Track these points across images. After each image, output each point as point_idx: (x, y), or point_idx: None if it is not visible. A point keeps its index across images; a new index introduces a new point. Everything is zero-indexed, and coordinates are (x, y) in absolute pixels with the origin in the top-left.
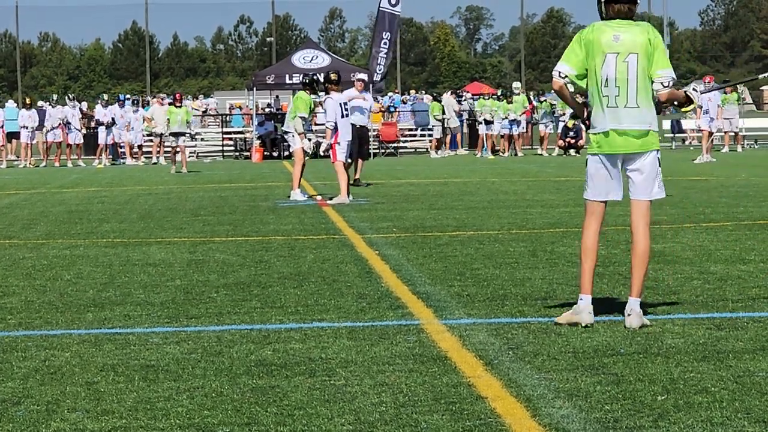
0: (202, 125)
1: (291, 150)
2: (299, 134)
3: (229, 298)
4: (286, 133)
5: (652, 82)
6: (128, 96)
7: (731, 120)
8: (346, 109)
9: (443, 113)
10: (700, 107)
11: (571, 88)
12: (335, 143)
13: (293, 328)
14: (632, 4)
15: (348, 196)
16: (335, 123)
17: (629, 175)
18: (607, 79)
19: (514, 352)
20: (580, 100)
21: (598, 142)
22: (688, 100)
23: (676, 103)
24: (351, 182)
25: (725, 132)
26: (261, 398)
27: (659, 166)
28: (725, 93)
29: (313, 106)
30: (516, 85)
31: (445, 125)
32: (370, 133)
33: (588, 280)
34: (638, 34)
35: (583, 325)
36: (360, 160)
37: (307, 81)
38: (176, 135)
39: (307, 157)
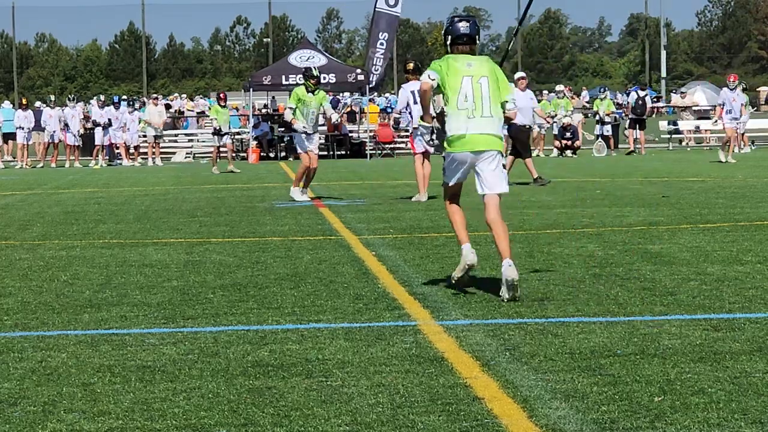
0: (198, 126)
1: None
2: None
3: (226, 299)
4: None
5: (506, 102)
6: (124, 97)
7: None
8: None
9: None
10: (721, 105)
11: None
12: (412, 135)
13: (290, 329)
14: (473, 44)
15: (423, 195)
16: (409, 113)
17: (479, 170)
18: (465, 95)
19: (511, 353)
20: (438, 109)
21: (456, 142)
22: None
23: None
24: (533, 181)
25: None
26: (258, 399)
27: (503, 165)
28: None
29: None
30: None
31: None
32: (368, 134)
33: (462, 231)
34: (484, 62)
35: (468, 263)
36: (528, 160)
37: (411, 67)
38: (222, 135)
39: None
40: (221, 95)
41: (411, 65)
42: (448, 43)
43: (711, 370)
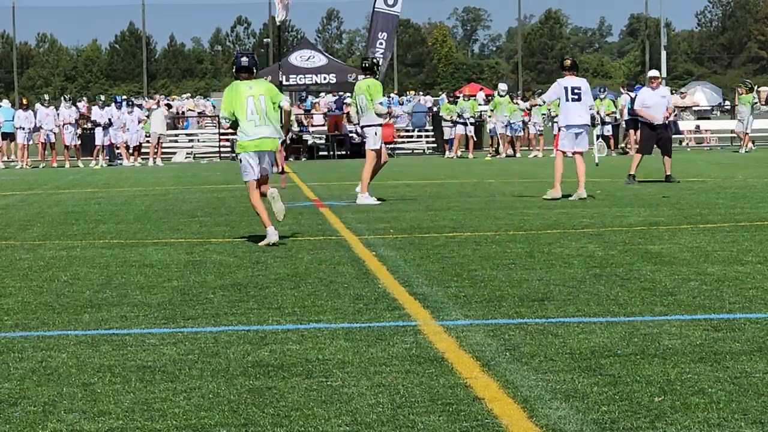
0: (198, 126)
1: (368, 147)
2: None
3: (226, 299)
4: (363, 127)
5: (281, 107)
6: (124, 97)
7: (744, 121)
8: (576, 94)
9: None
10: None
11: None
12: (558, 132)
13: (290, 329)
14: (250, 73)
15: (558, 192)
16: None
17: (265, 165)
18: (251, 110)
19: (511, 353)
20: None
21: (248, 145)
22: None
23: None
24: (664, 178)
25: (737, 132)
26: (258, 399)
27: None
28: (740, 94)
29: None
30: (502, 87)
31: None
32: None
33: (266, 216)
34: (261, 84)
35: (272, 242)
36: (666, 157)
37: (367, 65)
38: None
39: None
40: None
41: (568, 62)
42: (234, 71)
43: (711, 370)
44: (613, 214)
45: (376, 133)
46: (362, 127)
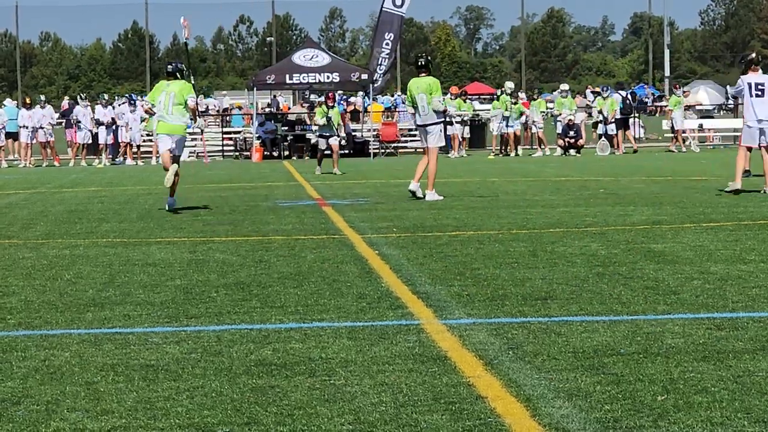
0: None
1: (433, 145)
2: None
3: (229, 298)
4: (424, 126)
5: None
6: (126, 95)
7: None
8: (760, 90)
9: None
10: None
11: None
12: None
13: (293, 328)
14: (173, 76)
15: (738, 183)
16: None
17: (174, 143)
18: (161, 102)
19: (514, 352)
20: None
21: (158, 128)
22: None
23: None
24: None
25: None
26: (261, 398)
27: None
28: None
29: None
30: (509, 85)
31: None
32: (370, 133)
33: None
34: (177, 84)
35: (166, 185)
36: None
37: (423, 63)
38: (323, 136)
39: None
40: (329, 95)
41: (757, 56)
42: (165, 74)
43: (714, 369)
44: (616, 213)
45: (441, 131)
46: (424, 126)
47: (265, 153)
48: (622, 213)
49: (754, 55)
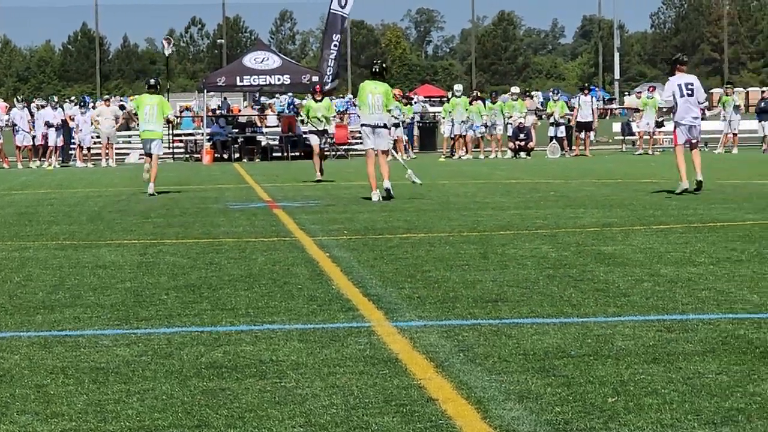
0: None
1: (382, 147)
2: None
3: (180, 300)
4: (376, 126)
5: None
6: (72, 98)
7: (731, 122)
8: (689, 90)
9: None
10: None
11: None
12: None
13: (244, 330)
14: (154, 89)
15: (685, 183)
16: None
17: (151, 147)
18: (146, 113)
19: (465, 354)
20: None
21: (141, 134)
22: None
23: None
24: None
25: (725, 133)
26: (211, 400)
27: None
28: (726, 95)
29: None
30: (457, 87)
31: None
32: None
33: (146, 174)
34: (156, 97)
35: (145, 178)
36: None
37: (378, 70)
38: (315, 134)
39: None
40: (316, 88)
41: (685, 57)
42: (147, 87)
43: (664, 371)
44: (566, 215)
45: (388, 133)
46: (377, 126)
47: (216, 155)
48: (573, 215)
49: (682, 56)
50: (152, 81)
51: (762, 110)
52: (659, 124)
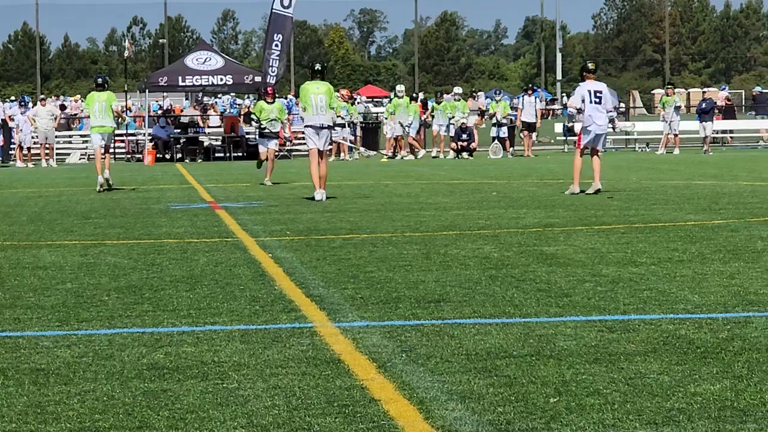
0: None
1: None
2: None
3: (121, 302)
4: (321, 128)
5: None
6: (12, 97)
7: (671, 123)
8: (597, 97)
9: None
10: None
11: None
12: (580, 132)
13: (185, 332)
14: (102, 87)
15: (577, 188)
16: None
17: (105, 140)
18: (97, 109)
19: (408, 355)
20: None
21: (94, 129)
22: None
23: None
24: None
25: (666, 134)
26: (153, 402)
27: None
28: (666, 95)
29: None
30: (399, 88)
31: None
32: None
33: (99, 167)
34: (106, 93)
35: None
36: None
37: (319, 69)
38: (266, 137)
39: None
40: (268, 89)
41: (592, 65)
42: (95, 85)
43: (606, 371)
44: (508, 216)
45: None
46: (321, 127)
47: (158, 155)
48: (515, 216)
49: (589, 64)
50: (100, 80)
51: (703, 111)
52: (569, 129)
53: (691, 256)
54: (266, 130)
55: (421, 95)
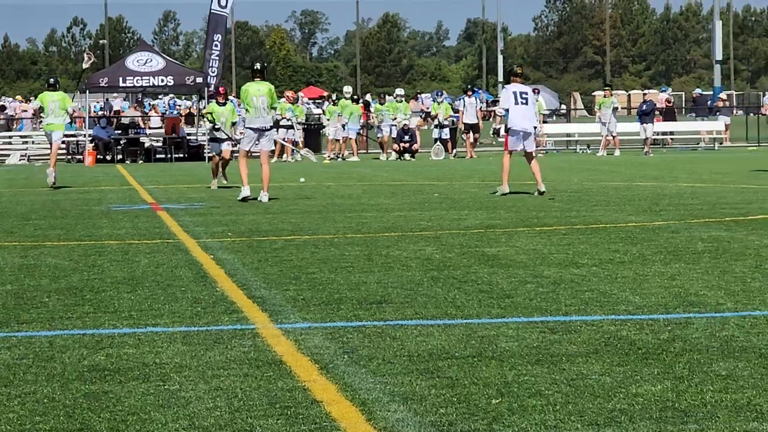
0: (33, 128)
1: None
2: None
3: (62, 303)
4: (262, 129)
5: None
6: None
7: (608, 124)
8: (524, 99)
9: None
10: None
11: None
12: (507, 134)
13: (127, 333)
14: (54, 87)
15: (506, 188)
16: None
17: (55, 139)
18: (51, 108)
19: (350, 356)
20: None
21: (45, 127)
22: None
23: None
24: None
25: (604, 135)
26: (94, 404)
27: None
28: (604, 97)
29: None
30: (347, 89)
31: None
32: (205, 137)
33: (53, 162)
34: (59, 94)
35: (49, 184)
36: None
37: (259, 68)
38: (218, 141)
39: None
40: (220, 90)
41: (519, 69)
42: (47, 85)
43: (548, 372)
44: (450, 217)
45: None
46: (262, 129)
47: (99, 157)
48: (457, 217)
49: (516, 67)
50: (51, 80)
51: (643, 113)
52: (496, 132)
53: (633, 258)
54: (219, 133)
55: (368, 96)
